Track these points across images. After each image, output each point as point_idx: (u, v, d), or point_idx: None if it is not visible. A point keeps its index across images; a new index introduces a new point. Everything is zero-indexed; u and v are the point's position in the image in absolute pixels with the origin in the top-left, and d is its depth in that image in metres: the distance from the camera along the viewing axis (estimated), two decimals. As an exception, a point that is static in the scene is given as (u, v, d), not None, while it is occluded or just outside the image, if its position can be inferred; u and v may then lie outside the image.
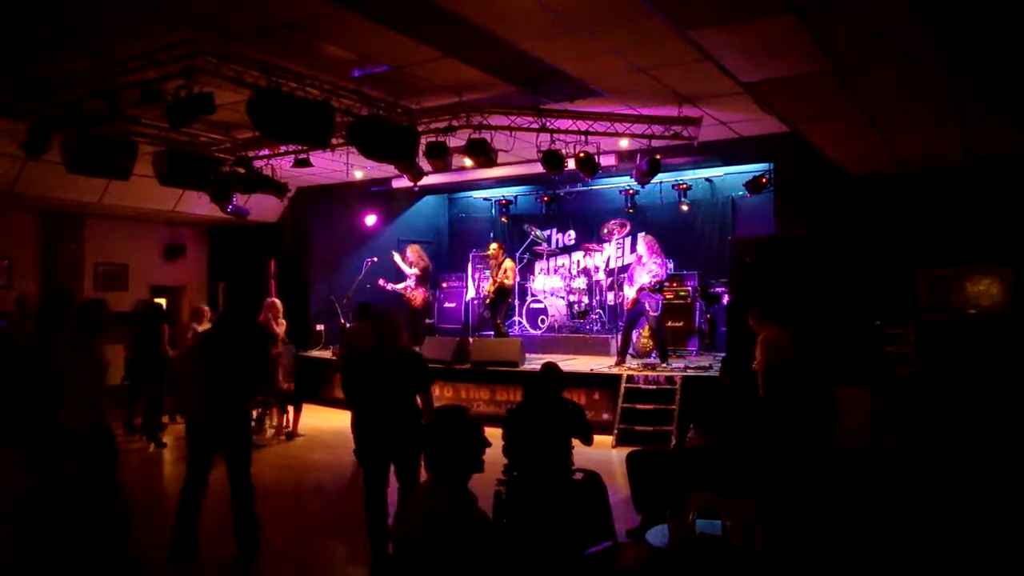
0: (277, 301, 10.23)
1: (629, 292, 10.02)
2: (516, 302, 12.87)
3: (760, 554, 3.94)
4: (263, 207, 12.47)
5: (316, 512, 6.87)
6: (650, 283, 9.81)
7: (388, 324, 5.19)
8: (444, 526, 2.66)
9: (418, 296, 12.01)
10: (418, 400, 5.13)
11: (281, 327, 10.03)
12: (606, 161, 9.85)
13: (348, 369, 5.60)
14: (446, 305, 14.11)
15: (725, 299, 11.05)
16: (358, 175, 12.09)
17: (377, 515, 5.07)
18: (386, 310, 5.58)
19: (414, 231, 14.68)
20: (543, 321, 12.77)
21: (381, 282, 12.20)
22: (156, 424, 9.23)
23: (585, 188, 13.43)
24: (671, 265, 11.51)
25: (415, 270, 11.96)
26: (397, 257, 12.19)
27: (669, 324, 11.23)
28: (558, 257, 14.05)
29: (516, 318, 12.93)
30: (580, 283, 12.89)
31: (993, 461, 6.72)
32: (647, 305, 9.90)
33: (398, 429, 5.04)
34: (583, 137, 8.78)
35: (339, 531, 6.28)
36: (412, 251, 12.15)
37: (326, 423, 10.24)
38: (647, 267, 9.91)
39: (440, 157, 8.74)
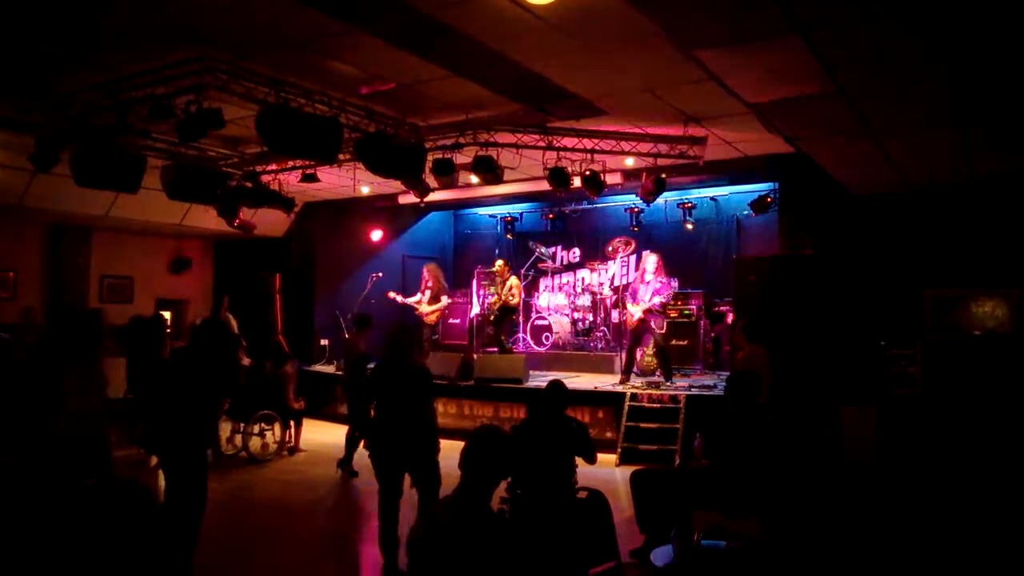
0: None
1: (633, 310, 10.00)
2: (520, 319, 12.87)
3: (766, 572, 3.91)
4: (270, 222, 12.52)
5: (318, 526, 6.85)
6: (654, 302, 9.79)
7: (406, 339, 5.44)
8: (468, 540, 2.68)
9: (434, 313, 12.06)
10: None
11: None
12: (611, 179, 9.88)
13: (367, 380, 5.66)
14: (451, 321, 14.09)
15: (729, 318, 11.04)
16: (365, 190, 12.13)
17: (389, 525, 5.13)
18: (405, 325, 5.72)
19: (420, 247, 14.73)
20: (547, 338, 12.75)
21: (391, 295, 12.18)
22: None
23: (590, 206, 13.44)
24: (675, 284, 11.50)
25: (440, 298, 12.05)
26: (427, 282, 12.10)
27: (673, 343, 11.19)
28: (563, 274, 14.07)
29: (520, 335, 12.91)
30: (585, 300, 12.89)
31: (998, 480, 6.69)
32: (651, 323, 9.89)
33: (411, 440, 5.12)
34: (589, 155, 8.81)
35: (342, 546, 6.25)
36: (431, 270, 12.20)
37: (328, 438, 10.19)
38: (651, 285, 9.89)
39: (447, 174, 8.77)
